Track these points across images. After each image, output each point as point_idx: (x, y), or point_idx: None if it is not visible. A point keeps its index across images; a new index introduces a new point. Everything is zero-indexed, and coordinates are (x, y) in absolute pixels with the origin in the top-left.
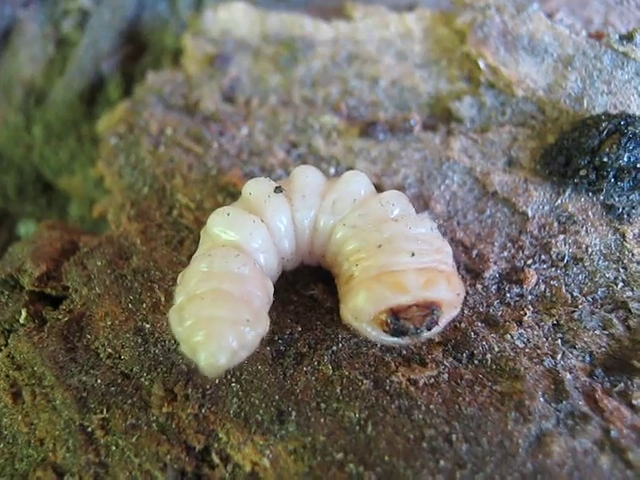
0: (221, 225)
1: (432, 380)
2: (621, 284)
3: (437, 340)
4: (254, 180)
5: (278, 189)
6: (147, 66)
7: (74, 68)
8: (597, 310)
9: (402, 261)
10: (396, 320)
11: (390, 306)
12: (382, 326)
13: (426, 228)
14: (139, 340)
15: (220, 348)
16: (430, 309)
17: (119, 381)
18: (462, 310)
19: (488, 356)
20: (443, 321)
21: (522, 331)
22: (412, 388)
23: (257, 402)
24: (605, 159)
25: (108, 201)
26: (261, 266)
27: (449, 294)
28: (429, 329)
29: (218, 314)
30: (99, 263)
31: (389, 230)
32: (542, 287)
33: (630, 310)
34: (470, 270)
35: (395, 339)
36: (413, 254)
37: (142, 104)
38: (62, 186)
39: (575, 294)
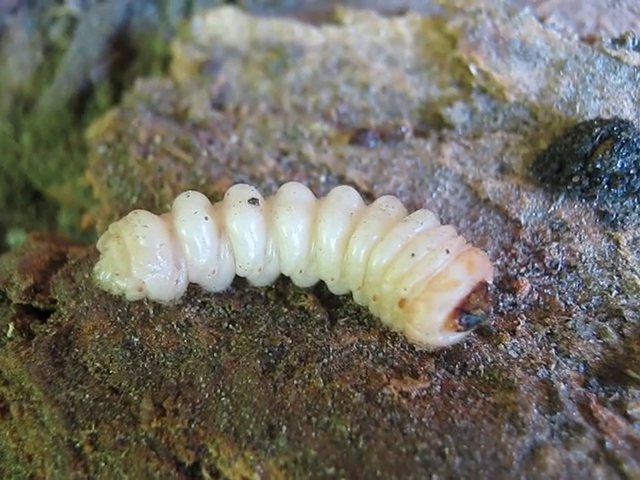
0: (175, 202)
1: (424, 392)
2: (615, 292)
3: (429, 351)
4: (239, 185)
5: (253, 200)
6: (136, 73)
7: (63, 75)
8: (591, 319)
9: (441, 262)
10: (467, 314)
11: (456, 305)
12: (455, 327)
13: (431, 219)
14: (127, 354)
15: (106, 268)
16: (484, 288)
17: (108, 396)
18: None
19: (481, 367)
20: (492, 290)
21: (516, 341)
22: (404, 401)
23: (247, 416)
24: (598, 165)
25: (97, 211)
26: (183, 255)
27: (486, 266)
28: (492, 305)
29: (113, 253)
30: (87, 275)
31: (406, 232)
32: (535, 296)
33: (625, 318)
34: None
35: (464, 333)
36: (448, 251)
37: (131, 112)
38: (51, 194)
39: (569, 302)
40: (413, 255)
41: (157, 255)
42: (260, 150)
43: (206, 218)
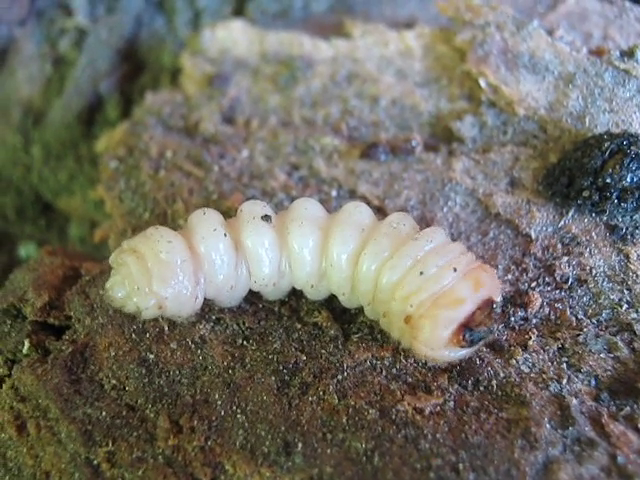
0: (191, 219)
1: (438, 408)
2: (626, 306)
3: (442, 367)
4: (251, 201)
5: (266, 217)
6: (145, 85)
7: (72, 88)
8: (602, 333)
9: (448, 280)
10: (470, 331)
11: (460, 322)
12: (459, 343)
13: (441, 236)
14: (143, 371)
15: (122, 284)
16: (489, 306)
17: (124, 413)
18: None
19: (494, 382)
20: (499, 308)
21: (527, 356)
22: (418, 417)
23: (263, 433)
24: (608, 180)
25: (109, 226)
26: (202, 271)
27: (493, 284)
28: (496, 322)
29: (132, 269)
30: (102, 292)
31: (415, 251)
32: (546, 310)
33: (635, 332)
34: None
35: (470, 349)
36: (455, 269)
37: (141, 126)
38: (61, 207)
39: (580, 317)
40: (422, 273)
41: (178, 271)
42: (271, 164)
43: (225, 235)
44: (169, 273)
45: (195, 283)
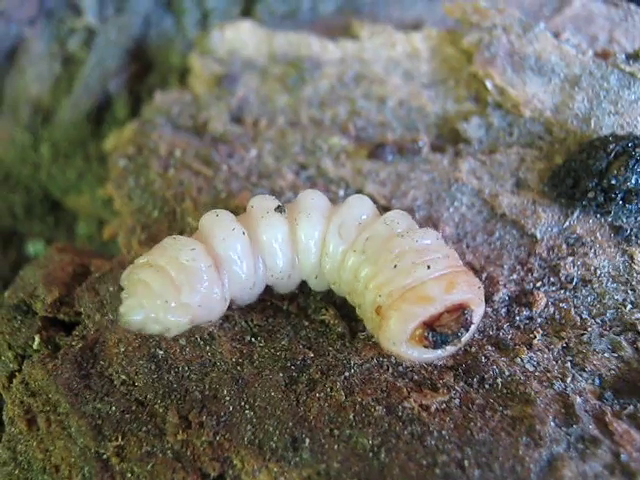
0: (205, 222)
1: (444, 405)
2: (630, 306)
3: (448, 364)
4: (260, 196)
5: (279, 208)
6: (154, 85)
7: (81, 87)
8: (606, 332)
9: (420, 275)
10: (433, 332)
11: (423, 320)
12: (422, 342)
13: (431, 239)
14: (153, 366)
15: (138, 306)
16: (460, 310)
17: (134, 408)
18: (472, 334)
19: (499, 380)
20: (476, 318)
21: (532, 354)
22: (424, 414)
23: (271, 429)
24: (613, 181)
25: (118, 224)
26: (226, 273)
27: (471, 290)
28: (467, 329)
29: (151, 284)
30: (111, 288)
31: (398, 246)
32: (551, 310)
33: (639, 332)
34: None
35: (438, 352)
36: (429, 267)
37: (150, 125)
38: (70, 205)
39: (584, 316)
40: (395, 267)
41: (205, 277)
42: (279, 164)
43: (243, 233)
44: (197, 280)
45: (222, 285)
